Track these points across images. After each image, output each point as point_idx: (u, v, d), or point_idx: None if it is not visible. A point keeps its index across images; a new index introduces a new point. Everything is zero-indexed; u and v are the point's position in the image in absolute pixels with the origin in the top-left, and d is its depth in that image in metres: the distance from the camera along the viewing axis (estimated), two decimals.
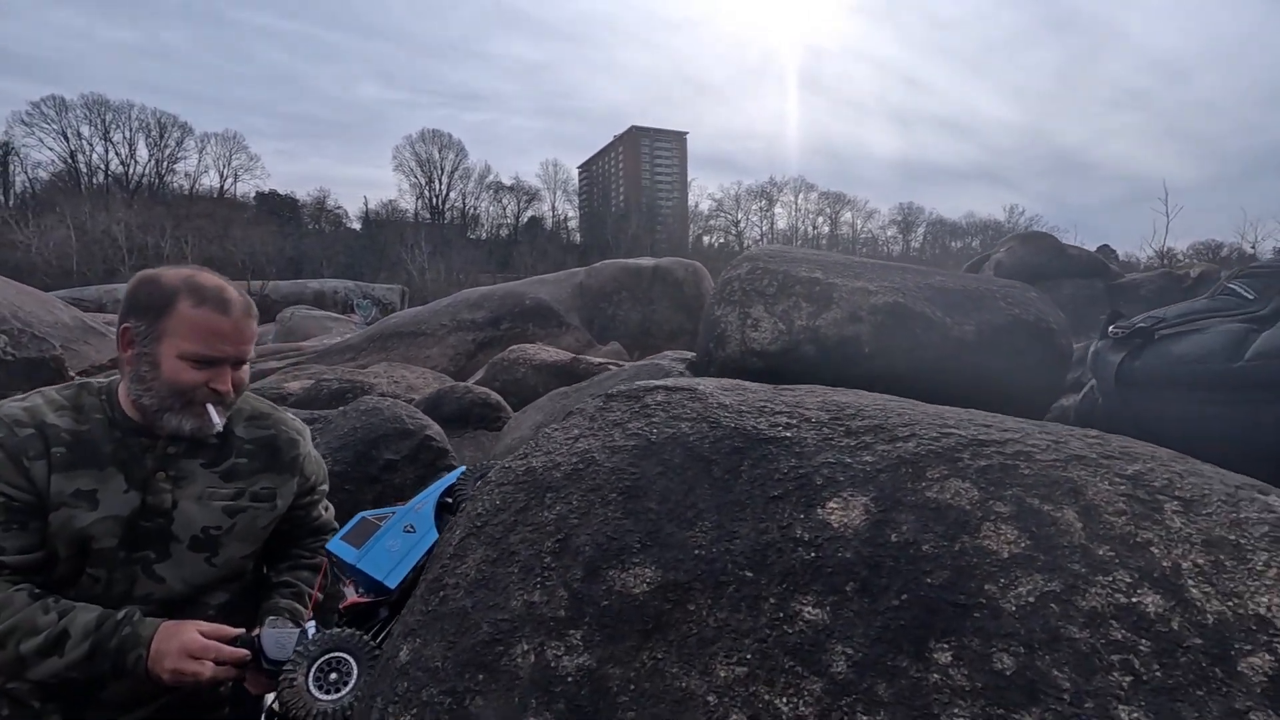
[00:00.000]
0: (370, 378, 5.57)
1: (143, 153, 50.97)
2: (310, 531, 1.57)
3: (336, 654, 1.05)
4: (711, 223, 69.46)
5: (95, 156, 49.26)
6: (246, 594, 1.46)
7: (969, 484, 0.87)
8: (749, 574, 0.87)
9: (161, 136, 51.41)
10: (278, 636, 1.19)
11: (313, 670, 1.04)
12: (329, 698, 1.02)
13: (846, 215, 70.66)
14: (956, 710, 0.71)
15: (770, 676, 0.79)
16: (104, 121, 48.86)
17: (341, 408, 3.30)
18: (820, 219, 69.66)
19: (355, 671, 1.05)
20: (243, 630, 1.25)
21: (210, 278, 1.32)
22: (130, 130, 50.04)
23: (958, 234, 69.15)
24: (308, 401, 4.39)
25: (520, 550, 0.96)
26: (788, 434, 1.02)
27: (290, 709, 1.02)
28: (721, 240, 66.25)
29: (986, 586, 0.78)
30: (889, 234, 70.83)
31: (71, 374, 4.44)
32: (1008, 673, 0.72)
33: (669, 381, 1.26)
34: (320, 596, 1.53)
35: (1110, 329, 1.68)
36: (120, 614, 1.19)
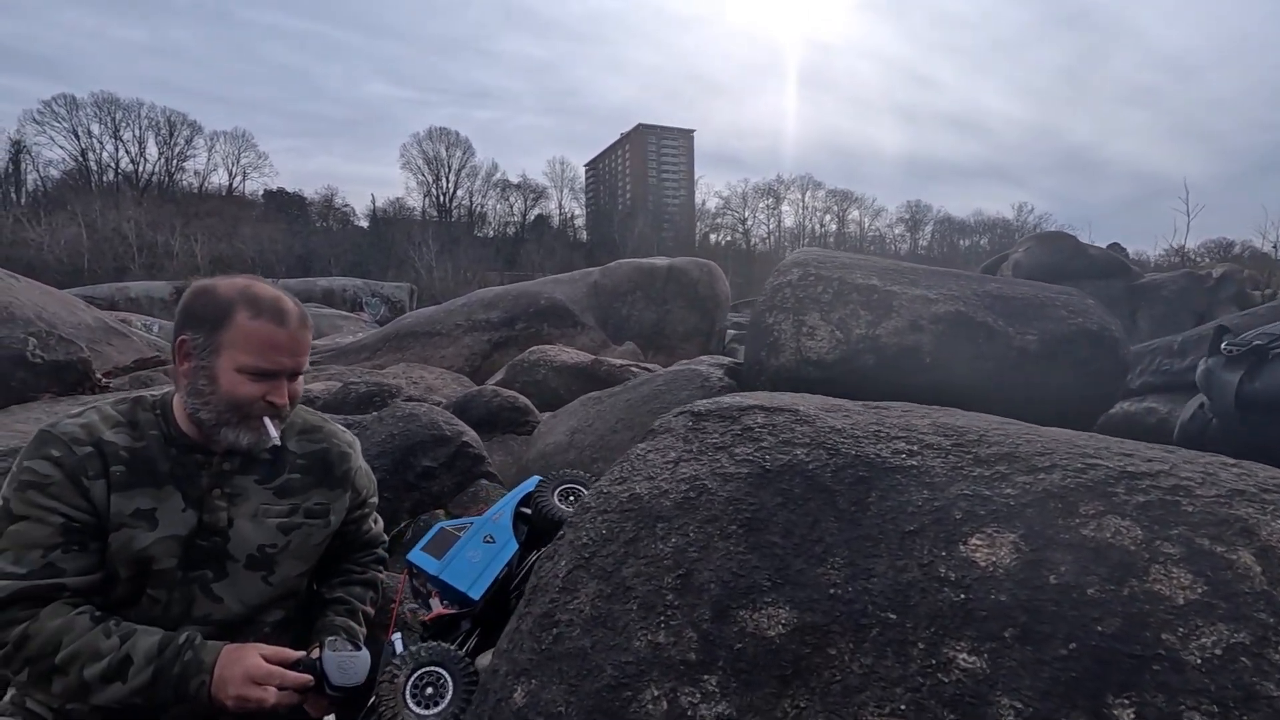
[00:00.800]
0: (389, 378, 5.54)
1: (152, 151, 51.14)
2: (361, 546, 1.54)
3: (435, 669, 1.02)
4: (718, 220, 69.37)
5: (106, 155, 49.46)
6: (300, 610, 1.42)
7: (1130, 522, 0.81)
8: (892, 616, 0.82)
9: (171, 135, 51.58)
10: (339, 660, 1.17)
11: (411, 680, 1.01)
12: (424, 711, 0.99)
13: (854, 213, 70.44)
14: None
15: None
16: (114, 120, 49.03)
17: (376, 413, 3.26)
18: (828, 217, 69.47)
19: (450, 690, 1.02)
20: (304, 653, 1.21)
21: (266, 288, 1.29)
22: (140, 128, 50.21)
23: (966, 232, 68.90)
24: (335, 405, 4.35)
25: (637, 586, 0.91)
26: (913, 462, 0.97)
27: (384, 711, 1.00)
28: (729, 238, 66.15)
29: (1164, 636, 0.73)
30: (896, 232, 70.60)
31: (98, 375, 4.42)
32: None
33: (764, 400, 1.21)
34: (372, 612, 1.49)
35: (1223, 346, 1.62)
36: (181, 638, 1.16)
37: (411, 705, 1.02)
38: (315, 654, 1.21)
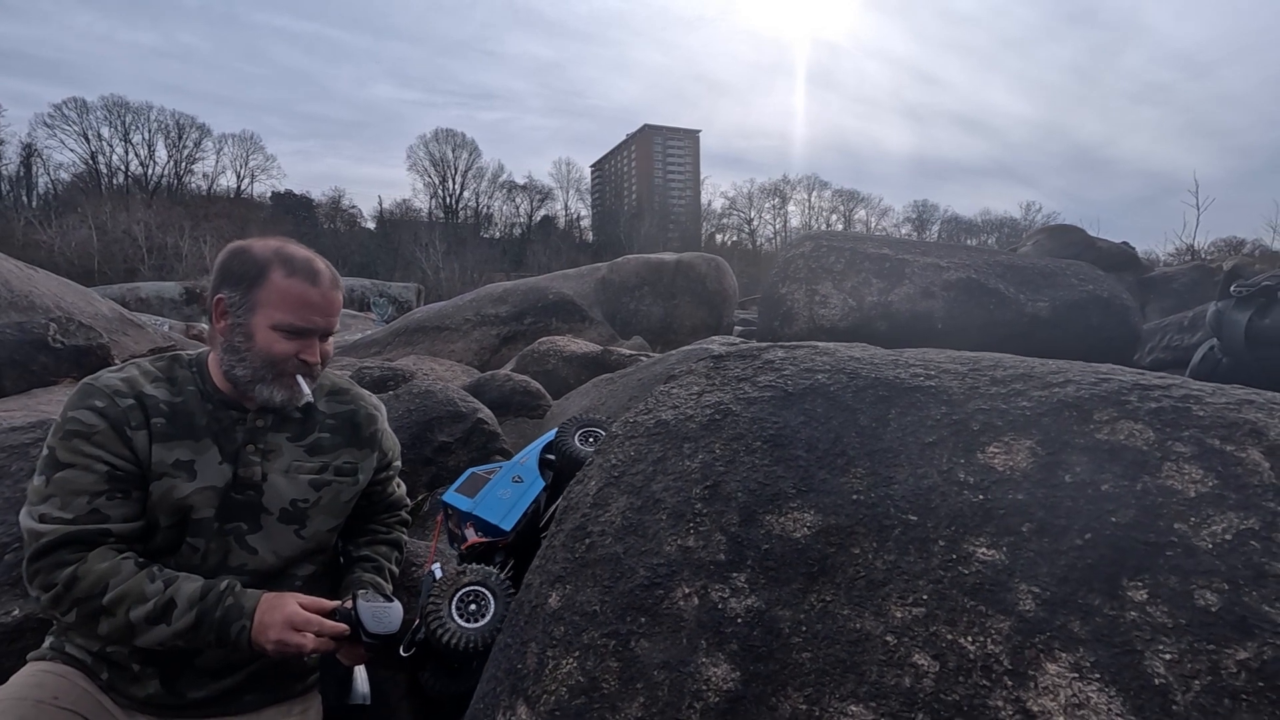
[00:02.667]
0: (402, 367, 5.59)
1: (161, 154, 51.60)
2: (386, 507, 1.57)
3: (478, 587, 1.08)
4: (724, 221, 69.41)
5: (115, 157, 49.92)
6: (330, 566, 1.46)
7: (1143, 425, 0.85)
8: (913, 517, 0.85)
9: (180, 138, 52.00)
10: (374, 610, 1.21)
11: (456, 597, 1.06)
12: (468, 625, 1.07)
13: (860, 213, 70.37)
14: (1161, 646, 0.69)
15: (951, 616, 0.77)
16: (124, 123, 49.49)
17: (393, 391, 3.31)
18: (834, 217, 69.39)
19: (492, 607, 1.08)
20: (339, 603, 1.25)
21: (299, 249, 1.33)
22: (149, 131, 50.66)
23: (973, 231, 68.64)
24: None
25: (666, 498, 0.95)
26: (931, 383, 1.00)
27: (434, 629, 1.06)
28: (734, 239, 66.17)
29: (1177, 525, 0.76)
30: (903, 232, 70.36)
31: (117, 363, 4.48)
32: (1214, 609, 0.70)
33: (784, 344, 1.25)
34: (397, 571, 1.53)
35: (1233, 288, 1.65)
36: (222, 584, 1.19)
37: (457, 619, 1.08)
38: (349, 604, 1.25)
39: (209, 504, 1.24)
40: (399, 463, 1.62)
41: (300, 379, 1.30)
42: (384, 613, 1.22)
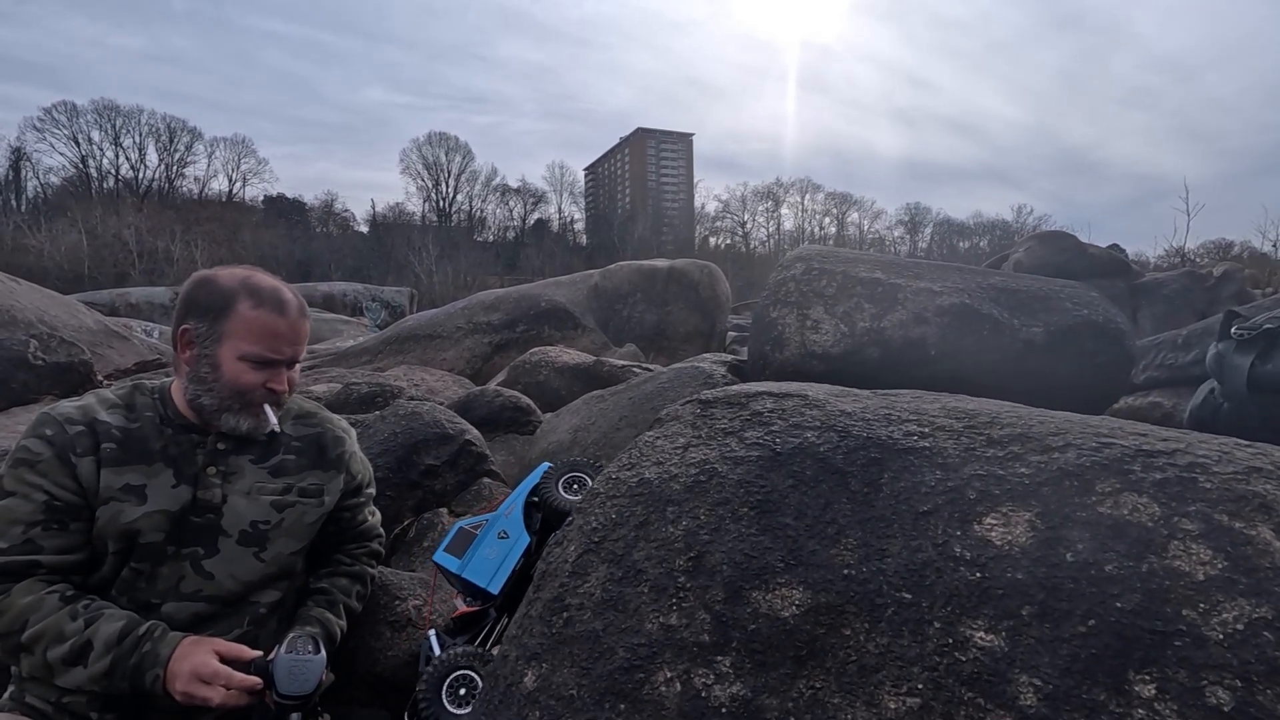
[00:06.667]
0: (391, 380, 5.52)
1: (152, 157, 51.27)
2: (354, 536, 1.54)
3: (466, 672, 1.07)
4: (718, 224, 69.52)
5: (106, 161, 49.60)
6: (298, 595, 1.42)
7: (1147, 499, 0.81)
8: (907, 596, 0.81)
9: (171, 141, 51.71)
10: (291, 665, 1.14)
11: (446, 684, 1.10)
12: (459, 710, 1.08)
13: (853, 216, 70.57)
14: None
15: (948, 710, 0.73)
16: (114, 127, 49.17)
17: (378, 412, 3.24)
18: (827, 219, 69.56)
19: (481, 688, 1.08)
20: (260, 654, 1.19)
21: (266, 279, 1.34)
22: (140, 135, 50.35)
23: (965, 234, 68.96)
24: (338, 406, 4.32)
25: (648, 569, 0.91)
26: (925, 444, 0.96)
27: (423, 711, 1.08)
28: (728, 242, 66.28)
29: (1185, 612, 0.72)
30: (896, 234, 70.66)
31: (100, 378, 4.41)
32: (1225, 709, 0.66)
33: (773, 387, 1.20)
34: (358, 606, 1.47)
35: (1234, 330, 1.62)
36: (143, 627, 1.14)
37: (449, 706, 1.09)
38: (272, 656, 1.18)
39: (158, 528, 1.20)
40: (372, 489, 1.58)
41: (267, 408, 1.29)
42: (302, 669, 1.14)
